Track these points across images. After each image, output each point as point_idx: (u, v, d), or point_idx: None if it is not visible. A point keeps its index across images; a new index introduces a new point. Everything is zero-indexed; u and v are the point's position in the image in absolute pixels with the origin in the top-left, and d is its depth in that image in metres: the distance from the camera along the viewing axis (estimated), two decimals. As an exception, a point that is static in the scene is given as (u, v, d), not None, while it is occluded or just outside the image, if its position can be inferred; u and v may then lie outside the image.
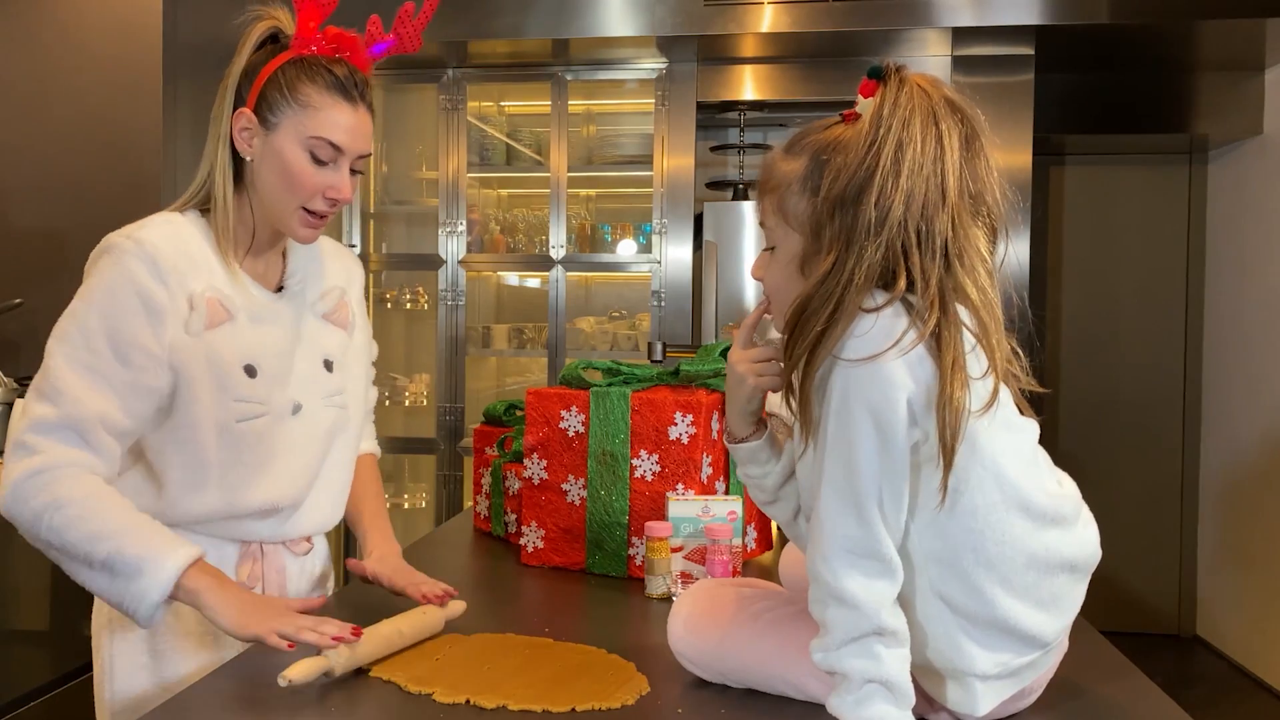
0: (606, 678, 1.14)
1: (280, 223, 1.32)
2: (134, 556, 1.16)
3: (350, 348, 1.46)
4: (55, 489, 1.17)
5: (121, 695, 1.32)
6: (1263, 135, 3.92)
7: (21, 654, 2.20)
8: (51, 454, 1.18)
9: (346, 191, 1.30)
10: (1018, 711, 1.05)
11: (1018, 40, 3.46)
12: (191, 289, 1.27)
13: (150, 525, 1.20)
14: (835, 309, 0.95)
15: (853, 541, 0.95)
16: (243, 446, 1.30)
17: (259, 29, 1.31)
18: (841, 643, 0.95)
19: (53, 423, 1.19)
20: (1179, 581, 4.41)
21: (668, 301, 3.72)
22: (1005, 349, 1.00)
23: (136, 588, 1.16)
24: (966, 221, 0.98)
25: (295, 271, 1.41)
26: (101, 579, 1.17)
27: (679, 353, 2.86)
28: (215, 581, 1.19)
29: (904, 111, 0.96)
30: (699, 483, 1.58)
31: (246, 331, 1.31)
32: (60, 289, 2.78)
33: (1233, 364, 4.15)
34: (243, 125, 1.29)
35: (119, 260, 1.24)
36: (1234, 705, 3.70)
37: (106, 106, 2.77)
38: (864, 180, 0.95)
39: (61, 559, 1.19)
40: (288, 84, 1.27)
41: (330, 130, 1.27)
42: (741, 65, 3.73)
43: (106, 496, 1.19)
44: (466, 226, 3.84)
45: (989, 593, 0.96)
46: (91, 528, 1.16)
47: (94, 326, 1.22)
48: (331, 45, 1.30)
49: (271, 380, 1.33)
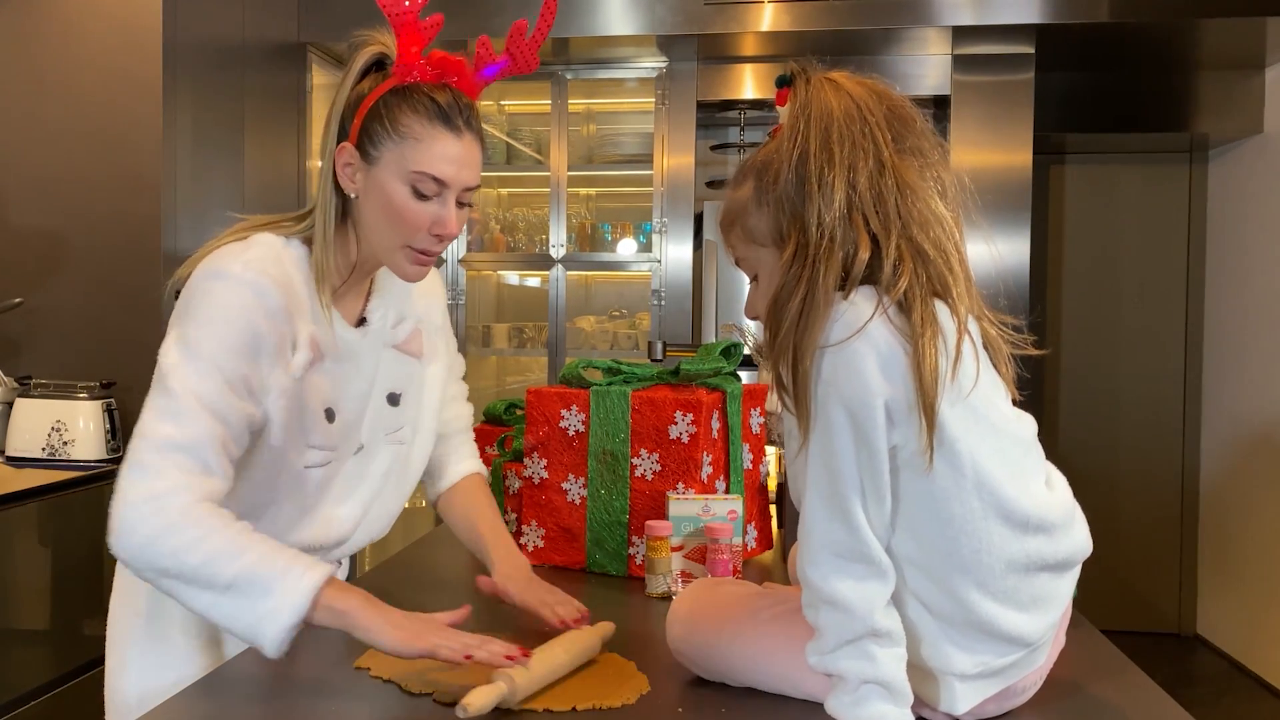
0: (607, 677, 1.14)
1: (386, 261, 1.25)
2: (265, 575, 1.07)
3: (420, 376, 1.41)
4: (171, 513, 1.09)
5: (132, 694, 1.31)
6: (1263, 134, 3.92)
7: (22, 654, 2.21)
8: (171, 478, 1.10)
9: (453, 227, 1.23)
10: (1013, 709, 1.05)
11: (1018, 39, 3.45)
12: (298, 330, 1.21)
13: (276, 545, 1.12)
14: (808, 289, 0.96)
15: (839, 545, 0.95)
16: (302, 490, 1.26)
17: (364, 55, 1.24)
18: (835, 645, 0.95)
19: (176, 444, 1.11)
20: (1179, 581, 4.41)
21: (668, 300, 3.72)
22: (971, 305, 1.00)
23: (268, 606, 1.07)
24: (914, 182, 0.99)
25: (379, 305, 1.35)
26: (227, 603, 1.08)
27: (679, 352, 2.86)
28: (361, 600, 1.11)
29: (818, 98, 0.99)
30: (699, 482, 1.58)
31: (332, 373, 1.26)
32: (60, 289, 2.81)
33: (1232, 363, 4.15)
34: (345, 160, 1.22)
35: (235, 291, 1.16)
36: (1234, 704, 3.70)
37: (106, 106, 2.77)
38: (800, 167, 0.98)
39: (177, 586, 1.10)
40: (388, 115, 1.19)
41: (432, 163, 1.19)
42: (742, 64, 3.73)
43: (225, 518, 1.12)
44: (467, 226, 3.84)
45: (966, 597, 0.96)
46: (215, 547, 1.08)
47: (206, 355, 1.14)
48: (436, 71, 1.22)
49: (347, 424, 1.29)
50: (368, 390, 1.32)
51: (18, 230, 2.82)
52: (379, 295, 1.35)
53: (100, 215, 2.78)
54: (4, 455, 2.53)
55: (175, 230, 2.82)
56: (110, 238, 2.78)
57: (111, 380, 2.61)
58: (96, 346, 2.76)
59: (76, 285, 2.79)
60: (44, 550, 2.26)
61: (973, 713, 1.01)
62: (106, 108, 2.78)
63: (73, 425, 2.50)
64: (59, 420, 2.51)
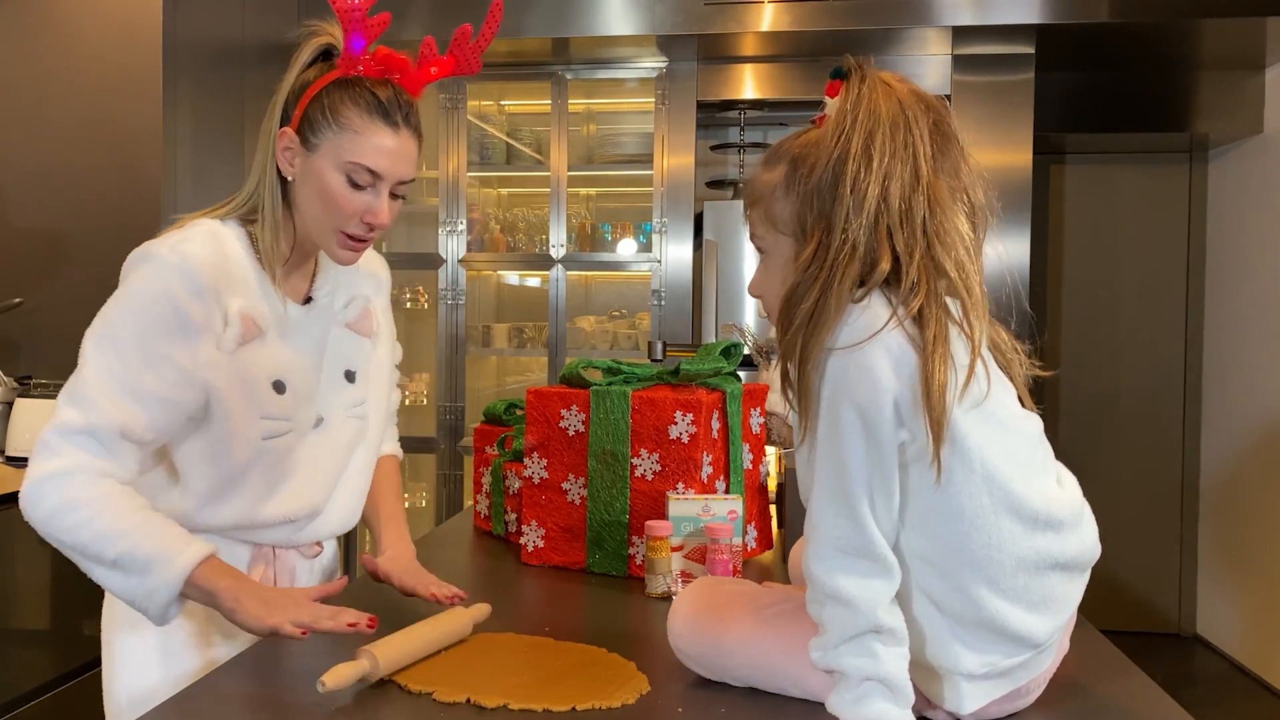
0: (607, 677, 1.14)
1: (320, 242, 1.31)
2: (144, 555, 1.16)
3: (373, 356, 1.45)
4: (69, 491, 1.17)
5: (130, 692, 1.32)
6: (1263, 134, 3.92)
7: (21, 654, 2.20)
8: (70, 458, 1.18)
9: (384, 217, 1.28)
10: (1017, 711, 1.05)
11: (1018, 39, 3.45)
12: (228, 306, 1.25)
13: (162, 524, 1.19)
14: (822, 293, 0.97)
15: (845, 541, 0.95)
16: (267, 462, 1.31)
17: (311, 45, 1.29)
18: (839, 641, 0.95)
19: (77, 428, 1.18)
20: (1179, 580, 4.41)
21: (668, 300, 3.72)
22: (985, 326, 1.01)
23: (147, 585, 1.16)
24: (944, 200, 0.99)
25: (324, 283, 1.40)
26: (115, 577, 1.17)
27: (679, 352, 2.86)
28: (230, 580, 1.18)
29: (868, 101, 0.98)
30: (699, 482, 1.58)
31: (276, 347, 1.30)
32: (60, 288, 2.80)
33: (1233, 363, 4.15)
34: (285, 144, 1.27)
35: (159, 272, 1.22)
36: (1234, 704, 3.70)
37: (106, 106, 2.77)
38: (837, 166, 0.97)
39: (76, 558, 1.19)
40: (330, 105, 1.25)
41: (368, 155, 1.24)
42: (742, 64, 3.73)
43: (120, 497, 1.19)
44: (466, 226, 3.84)
45: (975, 594, 0.96)
46: (103, 527, 1.16)
47: (127, 337, 1.20)
48: (379, 67, 1.26)
49: (299, 396, 1.33)
50: (318, 364, 1.37)
51: (17, 230, 2.82)
52: (324, 273, 1.40)
53: (100, 215, 2.78)
54: (4, 455, 2.53)
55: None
56: (110, 237, 2.77)
57: (111, 380, 2.60)
58: (96, 346, 2.75)
59: (76, 285, 2.79)
60: (43, 550, 2.26)
61: (976, 714, 1.01)
62: (106, 107, 2.78)
63: (72, 425, 2.50)
64: (58, 420, 2.50)
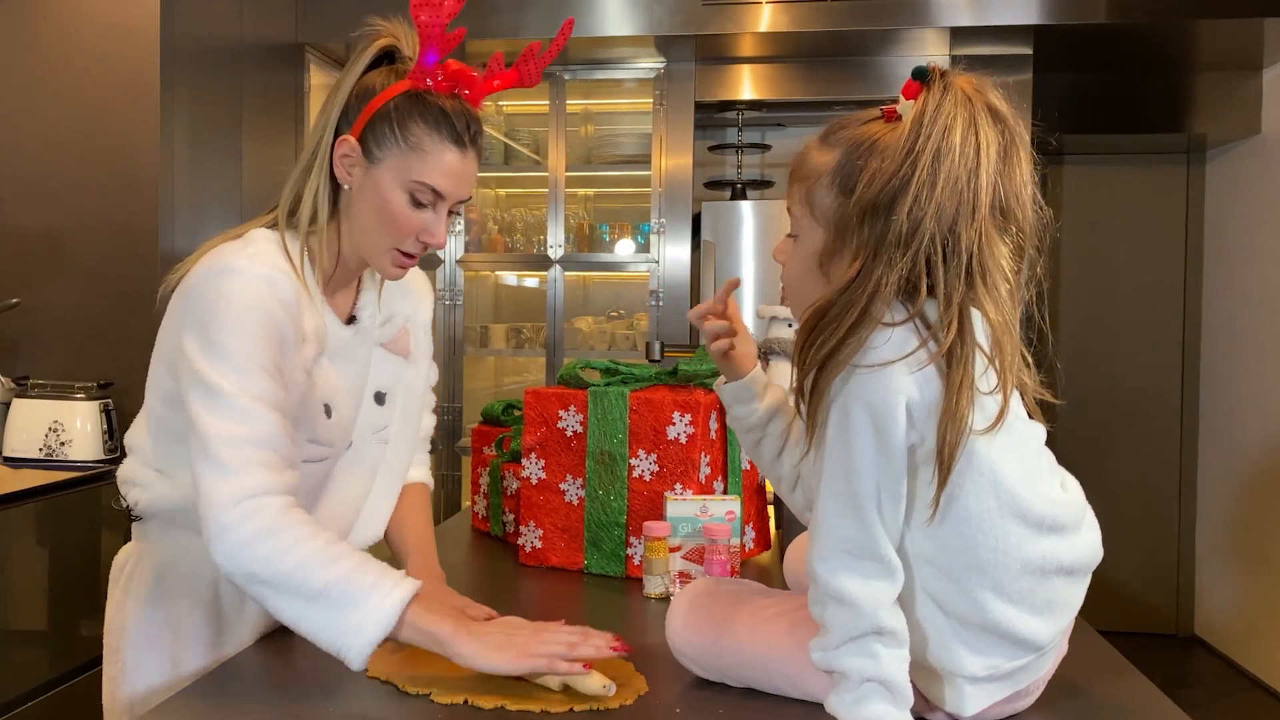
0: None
1: (370, 258, 1.25)
2: (355, 587, 1.06)
3: (404, 376, 1.41)
4: (266, 516, 1.07)
5: (130, 694, 1.31)
6: (1260, 135, 3.92)
7: (20, 654, 2.20)
8: (256, 476, 1.08)
9: (441, 237, 1.24)
10: (1018, 712, 1.05)
11: (1016, 40, 3.46)
12: (304, 322, 1.19)
13: (366, 556, 1.10)
14: (858, 319, 0.94)
15: (851, 542, 0.95)
16: (303, 487, 1.24)
17: (375, 46, 1.23)
18: (840, 642, 0.95)
19: (250, 438, 1.09)
20: (1177, 581, 4.41)
21: (666, 301, 3.72)
22: (1017, 370, 0.98)
23: (353, 621, 1.05)
24: (993, 237, 0.96)
25: (367, 302, 1.34)
26: (315, 613, 1.06)
27: (677, 352, 2.86)
28: (453, 623, 1.09)
29: (945, 119, 0.94)
30: (697, 482, 1.58)
31: (328, 369, 1.26)
32: (57, 289, 2.80)
33: (1230, 363, 4.16)
34: (344, 152, 1.21)
35: (247, 283, 1.14)
36: (1232, 705, 3.70)
37: (105, 106, 2.77)
38: (898, 189, 0.93)
39: (266, 593, 1.08)
40: (399, 120, 1.18)
41: (435, 176, 1.19)
42: (740, 65, 3.73)
43: (316, 525, 1.11)
44: (464, 226, 3.84)
45: (980, 597, 0.96)
46: (308, 553, 1.06)
47: (239, 350, 1.11)
48: (450, 83, 1.21)
49: (343, 421, 1.29)
50: (360, 386, 1.33)
51: (15, 230, 2.82)
52: (368, 293, 1.35)
53: (98, 216, 2.78)
54: (1, 456, 2.53)
55: (173, 231, 2.82)
56: (108, 238, 2.77)
57: (109, 381, 2.60)
58: (94, 347, 2.76)
59: (74, 286, 2.79)
60: (41, 551, 2.26)
61: (977, 715, 1.01)
62: (104, 108, 2.78)
63: (70, 426, 2.50)
64: (56, 421, 2.50)
